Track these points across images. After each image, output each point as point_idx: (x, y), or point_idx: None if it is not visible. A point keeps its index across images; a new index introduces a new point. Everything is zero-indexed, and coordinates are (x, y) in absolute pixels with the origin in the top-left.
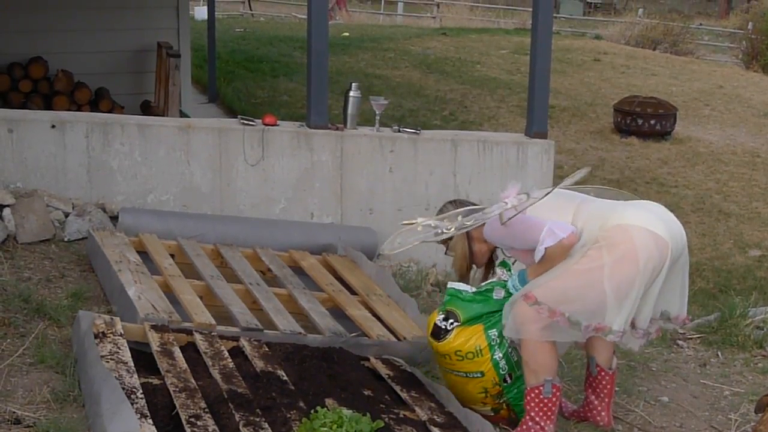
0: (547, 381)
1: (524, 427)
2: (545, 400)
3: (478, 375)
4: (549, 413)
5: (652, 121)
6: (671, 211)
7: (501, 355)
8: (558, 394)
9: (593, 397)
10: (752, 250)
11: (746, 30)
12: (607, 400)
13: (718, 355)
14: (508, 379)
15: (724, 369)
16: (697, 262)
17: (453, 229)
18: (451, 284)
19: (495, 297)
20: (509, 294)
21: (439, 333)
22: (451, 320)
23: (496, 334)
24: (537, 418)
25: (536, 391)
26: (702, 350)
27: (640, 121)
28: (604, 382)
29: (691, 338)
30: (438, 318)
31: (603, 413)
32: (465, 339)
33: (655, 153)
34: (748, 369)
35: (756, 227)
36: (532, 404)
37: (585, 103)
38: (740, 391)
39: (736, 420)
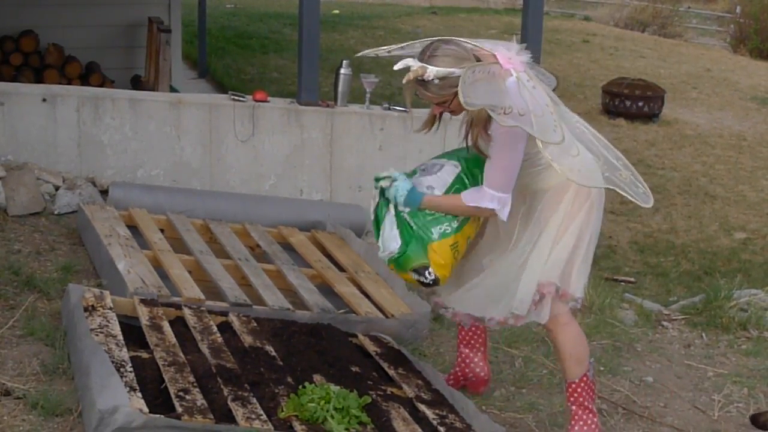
0: (591, 363)
1: (582, 422)
2: (590, 383)
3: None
4: (593, 393)
5: (640, 103)
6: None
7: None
8: (595, 369)
9: (469, 351)
10: (737, 233)
11: (734, 14)
12: (483, 349)
13: (702, 336)
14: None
15: (708, 350)
16: (683, 244)
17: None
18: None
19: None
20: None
21: (430, 284)
22: (424, 274)
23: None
24: (587, 404)
25: (584, 379)
26: (686, 331)
27: (628, 103)
28: (479, 333)
29: (675, 319)
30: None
31: (481, 363)
32: (443, 255)
33: (642, 135)
34: (732, 350)
35: (741, 210)
36: (584, 394)
37: (573, 84)
38: (724, 372)
39: (720, 401)
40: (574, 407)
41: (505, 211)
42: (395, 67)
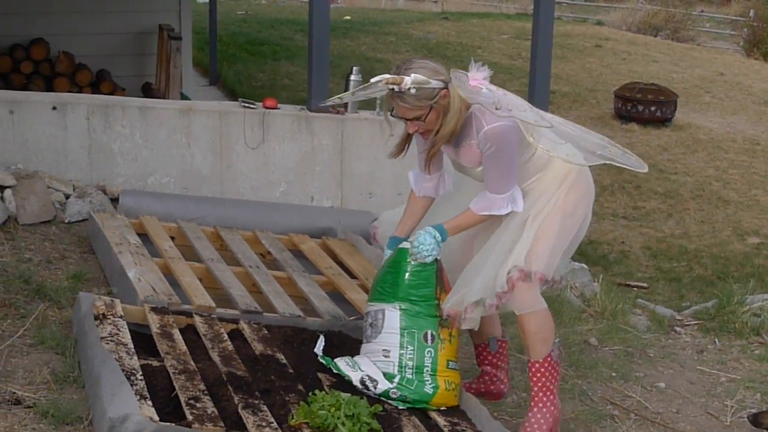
0: (555, 344)
1: (541, 404)
2: (554, 364)
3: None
4: (557, 375)
5: (653, 108)
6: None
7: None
8: (561, 352)
9: (494, 370)
10: (751, 238)
11: (748, 17)
12: (506, 366)
13: (715, 341)
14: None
15: (721, 355)
16: (696, 248)
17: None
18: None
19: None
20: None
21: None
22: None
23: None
24: (549, 385)
25: (548, 360)
26: (699, 337)
27: (640, 108)
28: (503, 352)
29: (688, 325)
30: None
31: (504, 379)
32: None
33: (655, 139)
34: (745, 356)
35: (755, 215)
36: (547, 374)
37: (586, 88)
38: (737, 377)
39: (732, 406)
40: (535, 388)
41: (519, 204)
42: (372, 80)
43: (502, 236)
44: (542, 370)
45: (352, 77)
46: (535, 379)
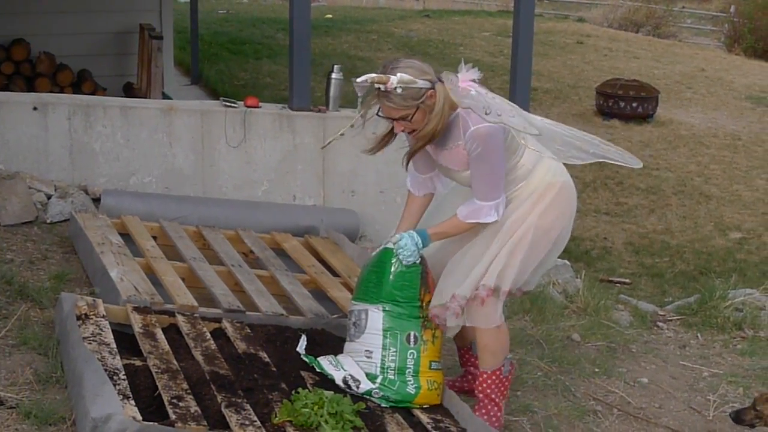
0: (506, 360)
1: (483, 411)
2: (503, 379)
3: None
4: (505, 390)
5: (634, 104)
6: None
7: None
8: (513, 368)
9: (478, 371)
10: (732, 233)
11: (728, 13)
12: None
13: (697, 336)
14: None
15: (703, 350)
16: (678, 244)
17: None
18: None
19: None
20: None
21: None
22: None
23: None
24: (494, 396)
25: (497, 373)
26: (682, 332)
27: (622, 104)
28: None
29: (671, 320)
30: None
31: None
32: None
33: (637, 135)
34: (727, 350)
35: (736, 210)
36: (493, 387)
37: (567, 85)
38: (719, 372)
39: (715, 401)
40: (480, 396)
41: (501, 211)
42: (358, 80)
43: (473, 247)
44: (488, 381)
45: (334, 75)
46: (480, 388)
